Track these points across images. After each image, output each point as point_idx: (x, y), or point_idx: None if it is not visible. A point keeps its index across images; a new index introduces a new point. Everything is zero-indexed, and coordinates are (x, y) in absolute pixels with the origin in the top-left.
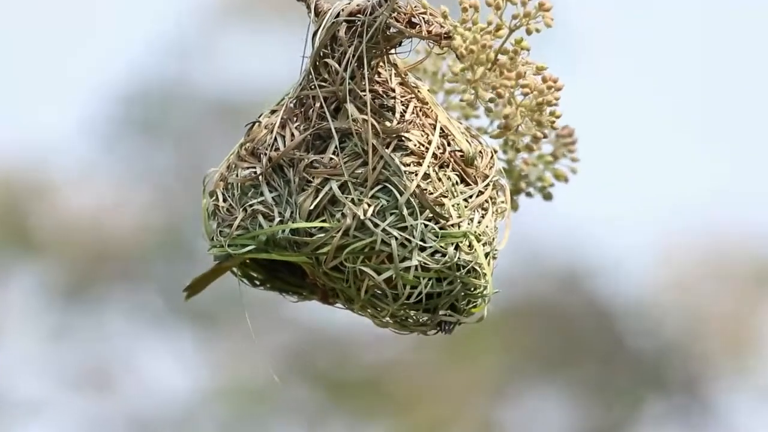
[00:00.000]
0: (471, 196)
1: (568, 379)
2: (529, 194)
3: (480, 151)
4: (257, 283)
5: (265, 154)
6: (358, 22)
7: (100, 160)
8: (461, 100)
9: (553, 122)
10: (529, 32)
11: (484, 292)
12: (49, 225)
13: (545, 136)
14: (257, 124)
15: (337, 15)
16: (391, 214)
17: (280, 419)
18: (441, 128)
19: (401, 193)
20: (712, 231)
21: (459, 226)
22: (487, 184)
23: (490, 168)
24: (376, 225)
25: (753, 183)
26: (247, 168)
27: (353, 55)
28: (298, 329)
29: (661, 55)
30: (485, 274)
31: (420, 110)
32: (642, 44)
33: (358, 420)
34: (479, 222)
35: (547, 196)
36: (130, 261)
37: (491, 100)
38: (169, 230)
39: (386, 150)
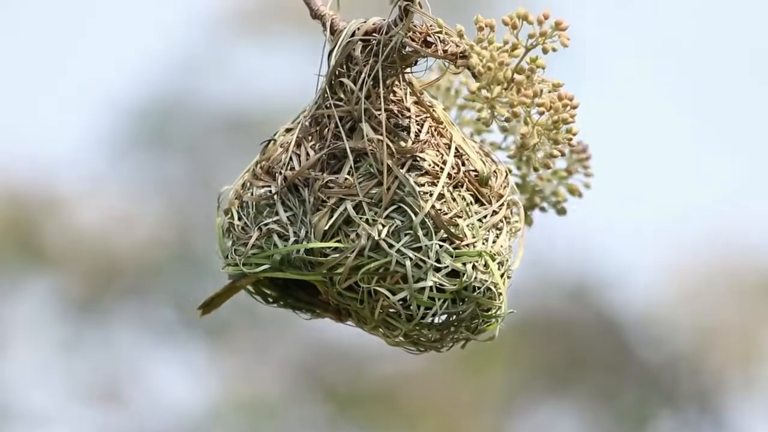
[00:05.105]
0: (485, 216)
1: (577, 392)
2: (543, 209)
3: (494, 171)
4: (270, 300)
5: (281, 173)
6: (374, 41)
7: (111, 173)
8: (478, 119)
9: (570, 140)
10: (545, 51)
11: (498, 312)
12: (60, 238)
13: (562, 154)
14: (272, 142)
15: (353, 34)
16: (406, 234)
17: None
18: (456, 148)
19: (416, 214)
20: (720, 243)
21: (474, 246)
22: (502, 204)
23: (505, 188)
24: (390, 245)
25: (761, 195)
26: (263, 187)
27: (369, 75)
28: (309, 343)
29: (670, 72)
30: (500, 294)
31: (435, 130)
32: (650, 61)
33: None
34: (494, 242)
35: (561, 211)
36: (141, 274)
37: (507, 120)
38: (180, 243)
39: (401, 170)
